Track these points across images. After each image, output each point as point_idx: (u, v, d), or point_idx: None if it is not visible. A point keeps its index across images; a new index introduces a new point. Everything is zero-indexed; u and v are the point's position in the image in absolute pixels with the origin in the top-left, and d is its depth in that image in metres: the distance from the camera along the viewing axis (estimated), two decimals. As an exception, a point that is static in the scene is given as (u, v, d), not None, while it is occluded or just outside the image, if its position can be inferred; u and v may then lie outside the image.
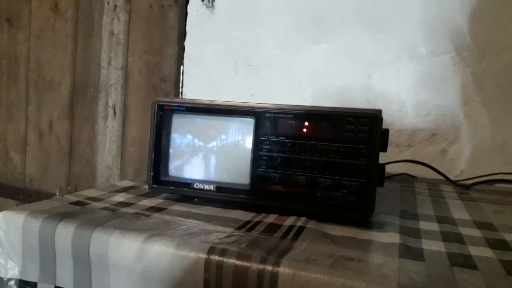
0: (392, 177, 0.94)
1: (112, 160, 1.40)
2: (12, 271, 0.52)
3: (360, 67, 1.08)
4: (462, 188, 0.86)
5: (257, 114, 0.57)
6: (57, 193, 1.46)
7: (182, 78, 1.29)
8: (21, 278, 0.51)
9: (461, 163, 1.00)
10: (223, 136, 0.60)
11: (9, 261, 0.52)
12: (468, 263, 0.42)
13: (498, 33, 0.96)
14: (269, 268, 0.40)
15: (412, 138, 1.03)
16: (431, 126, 1.02)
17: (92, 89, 1.42)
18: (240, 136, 0.59)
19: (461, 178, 0.96)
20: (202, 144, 0.61)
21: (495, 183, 0.91)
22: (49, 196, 1.44)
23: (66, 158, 1.48)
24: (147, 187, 0.64)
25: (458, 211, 0.65)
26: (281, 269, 0.39)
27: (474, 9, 0.97)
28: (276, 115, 0.57)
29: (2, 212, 0.53)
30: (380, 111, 0.53)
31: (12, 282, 0.52)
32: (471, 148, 0.99)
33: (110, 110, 1.40)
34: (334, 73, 1.11)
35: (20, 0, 1.53)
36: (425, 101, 1.02)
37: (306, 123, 0.55)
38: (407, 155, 1.03)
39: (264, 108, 0.57)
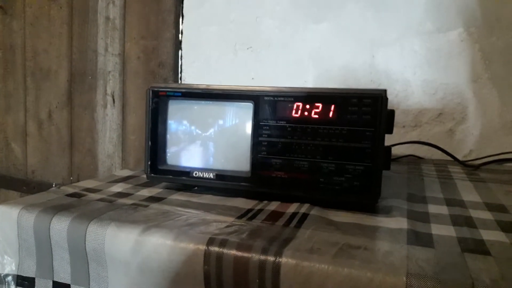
0: (399, 159, 0.92)
1: (113, 149, 1.39)
2: (9, 267, 0.51)
3: (363, 46, 1.04)
4: (471, 168, 0.84)
5: (256, 98, 0.55)
6: (53, 185, 1.45)
7: (181, 63, 1.26)
8: (19, 274, 0.50)
9: (469, 143, 0.97)
10: (221, 122, 0.58)
11: (6, 257, 0.51)
12: (480, 248, 0.40)
13: (507, 7, 0.92)
14: (270, 258, 0.38)
15: (418, 118, 1.00)
16: (438, 106, 0.99)
17: (90, 77, 1.40)
18: (239, 121, 0.57)
19: (469, 158, 0.93)
20: (200, 130, 0.59)
21: (504, 163, 0.89)
22: (51, 187, 1.45)
23: (67, 148, 1.47)
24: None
25: (468, 192, 0.63)
26: (283, 260, 0.38)
27: (482, -19, 0.93)
28: (275, 98, 0.54)
29: (-4, 207, 0.51)
30: (385, 91, 0.50)
31: (9, 278, 0.51)
32: (480, 127, 0.96)
33: (109, 98, 1.37)
34: (336, 53, 1.07)
35: (13, -12, 1.50)
36: (431, 80, 0.99)
37: (307, 106, 0.53)
38: (413, 136, 1.00)
39: (263, 91, 0.55)
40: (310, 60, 1.10)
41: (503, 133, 0.94)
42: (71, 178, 1.46)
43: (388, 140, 0.51)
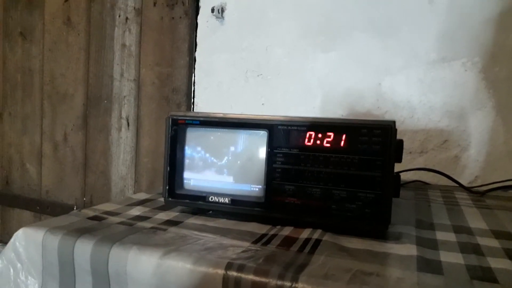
0: (406, 184, 0.94)
1: (126, 170, 1.42)
2: (33, 287, 0.53)
3: (370, 74, 1.08)
4: (477, 195, 0.85)
5: (270, 127, 0.57)
6: (74, 208, 1.48)
7: (194, 88, 1.30)
8: (42, 294, 0.52)
9: (475, 169, 0.99)
10: (237, 149, 0.60)
11: (29, 277, 0.53)
12: (488, 276, 0.41)
13: (509, 38, 0.95)
14: (287, 284, 0.40)
15: (424, 144, 1.03)
16: (443, 133, 1.01)
17: (106, 101, 1.44)
18: (254, 149, 0.59)
19: (475, 185, 0.95)
20: (216, 157, 0.61)
21: (510, 189, 0.90)
22: (64, 207, 1.48)
23: (81, 169, 1.51)
24: (162, 199, 0.65)
25: (475, 219, 0.64)
26: (299, 285, 0.39)
27: (484, 14, 0.96)
28: (289, 127, 0.57)
29: (22, 229, 0.54)
30: (394, 122, 0.53)
31: (33, 298, 0.52)
32: (485, 154, 0.98)
33: (124, 122, 1.41)
34: (344, 81, 1.11)
35: (33, 15, 1.57)
36: (437, 107, 1.01)
37: (320, 135, 0.55)
38: (420, 162, 1.02)
39: (277, 120, 0.57)
40: (318, 87, 1.14)
41: (508, 160, 0.96)
42: (84, 198, 1.49)
43: (396, 166, 0.53)
